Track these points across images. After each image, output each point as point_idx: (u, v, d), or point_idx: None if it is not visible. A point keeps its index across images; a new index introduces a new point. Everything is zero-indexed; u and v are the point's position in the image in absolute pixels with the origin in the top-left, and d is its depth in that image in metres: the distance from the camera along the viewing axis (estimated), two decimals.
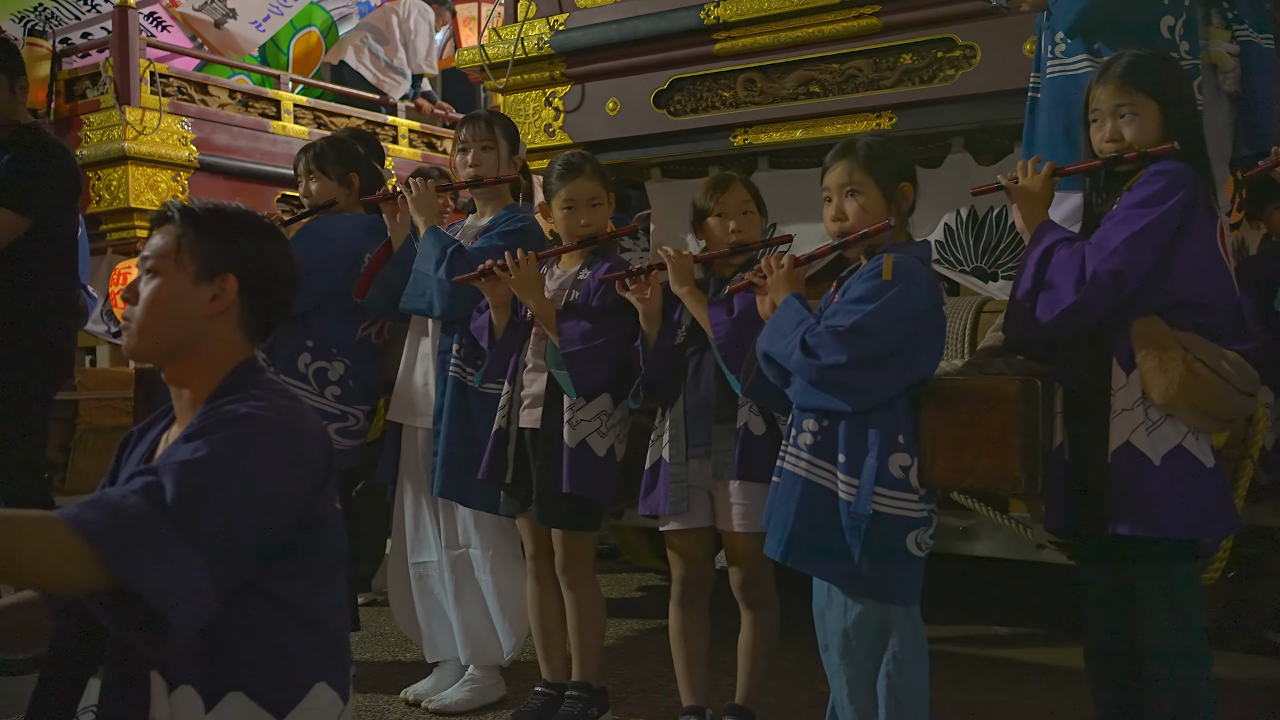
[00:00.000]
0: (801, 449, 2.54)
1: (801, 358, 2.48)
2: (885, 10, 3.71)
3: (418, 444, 3.65)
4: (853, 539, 2.46)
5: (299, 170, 3.97)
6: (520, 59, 4.41)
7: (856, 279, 2.58)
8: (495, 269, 3.20)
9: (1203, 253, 2.43)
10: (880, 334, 2.45)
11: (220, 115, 6.36)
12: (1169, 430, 2.41)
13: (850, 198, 2.61)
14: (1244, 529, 2.57)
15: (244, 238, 1.89)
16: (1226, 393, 2.38)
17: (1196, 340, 2.40)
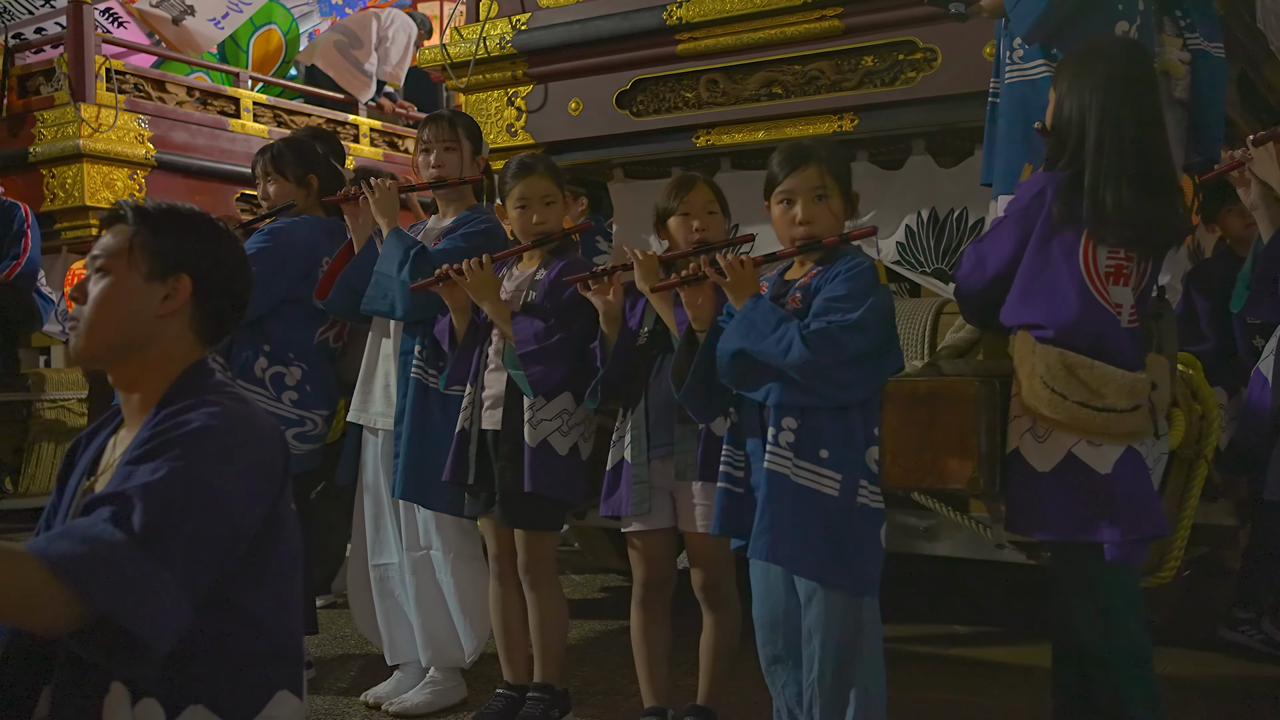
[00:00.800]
0: (784, 447, 2.54)
1: (804, 352, 2.46)
2: (847, 13, 3.73)
3: (378, 446, 3.62)
4: (835, 533, 2.49)
5: (257, 172, 3.94)
6: (482, 58, 4.39)
7: (833, 278, 2.57)
8: (451, 274, 3.19)
9: (1039, 263, 2.44)
10: (873, 330, 2.50)
11: (178, 113, 6.30)
12: (1061, 437, 2.43)
13: (819, 201, 2.63)
14: (1166, 533, 2.54)
15: (198, 239, 1.87)
16: (1067, 409, 2.38)
17: (1047, 354, 2.40)
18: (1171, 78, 3.05)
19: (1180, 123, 3.11)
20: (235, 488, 1.69)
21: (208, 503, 1.64)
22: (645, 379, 3.02)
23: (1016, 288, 2.44)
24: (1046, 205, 2.42)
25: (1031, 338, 2.43)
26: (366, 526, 3.67)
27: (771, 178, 2.70)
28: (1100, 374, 2.37)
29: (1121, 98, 2.45)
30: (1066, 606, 2.51)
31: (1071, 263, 2.41)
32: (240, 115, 6.67)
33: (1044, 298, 2.42)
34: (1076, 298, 2.40)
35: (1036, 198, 2.43)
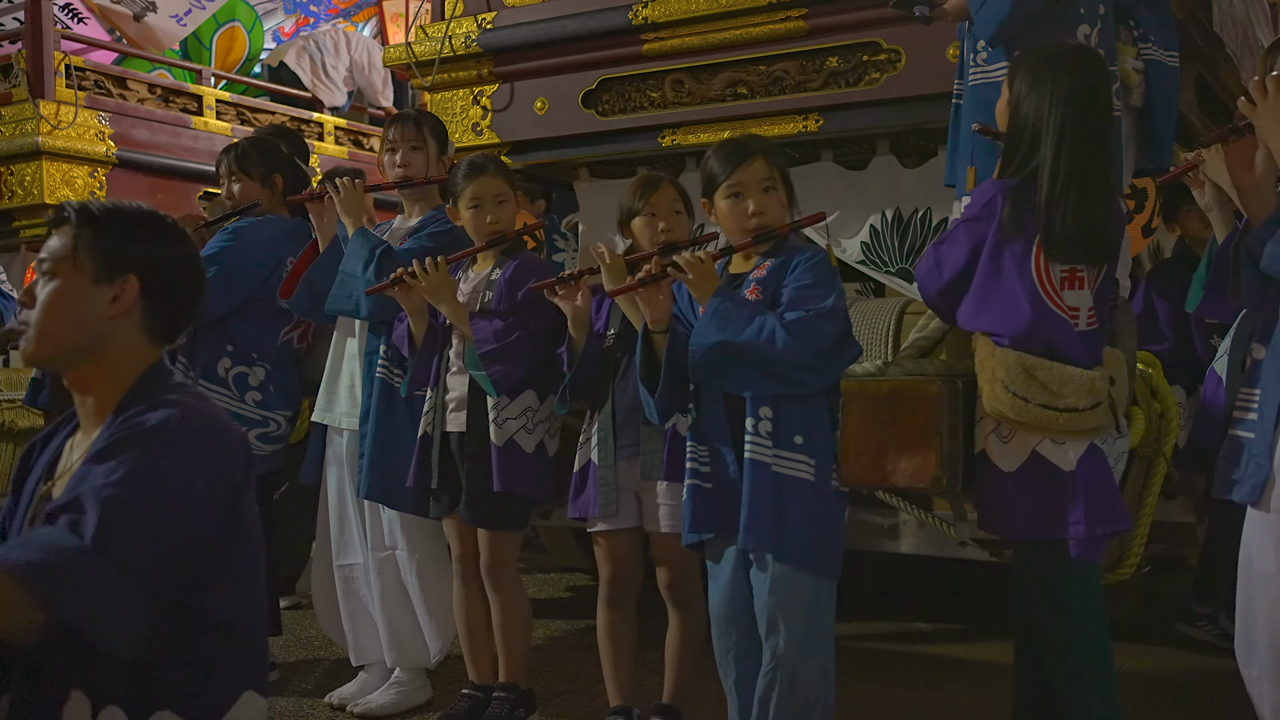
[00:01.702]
0: (763, 437, 2.55)
1: (789, 341, 2.48)
2: (812, 14, 3.75)
3: (343, 446, 3.61)
4: (811, 517, 2.53)
5: (221, 172, 3.91)
6: (448, 57, 4.38)
7: (793, 269, 2.60)
8: (405, 277, 3.17)
9: (995, 276, 2.46)
10: (843, 316, 2.57)
11: (140, 110, 6.24)
12: (1024, 437, 2.45)
13: (768, 193, 2.67)
14: (1129, 528, 2.57)
15: (145, 238, 1.83)
16: (1032, 413, 2.40)
17: (1005, 357, 2.42)
18: (1126, 85, 3.09)
19: (1133, 129, 3.16)
20: (193, 489, 1.68)
21: (165, 505, 1.63)
22: (611, 380, 3.03)
23: (972, 295, 2.47)
24: (997, 214, 2.44)
25: (990, 342, 2.45)
26: (331, 527, 3.65)
27: (713, 175, 2.71)
28: (1059, 374, 2.39)
29: (1081, 113, 2.45)
30: (1028, 602, 2.54)
31: (1024, 271, 2.42)
32: (203, 113, 6.62)
33: (997, 306, 2.45)
34: (1029, 306, 2.41)
35: (987, 206, 2.45)
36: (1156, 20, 3.17)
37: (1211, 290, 2.64)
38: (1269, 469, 2.22)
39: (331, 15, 9.72)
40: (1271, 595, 2.23)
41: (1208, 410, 2.91)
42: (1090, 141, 2.44)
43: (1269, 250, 2.08)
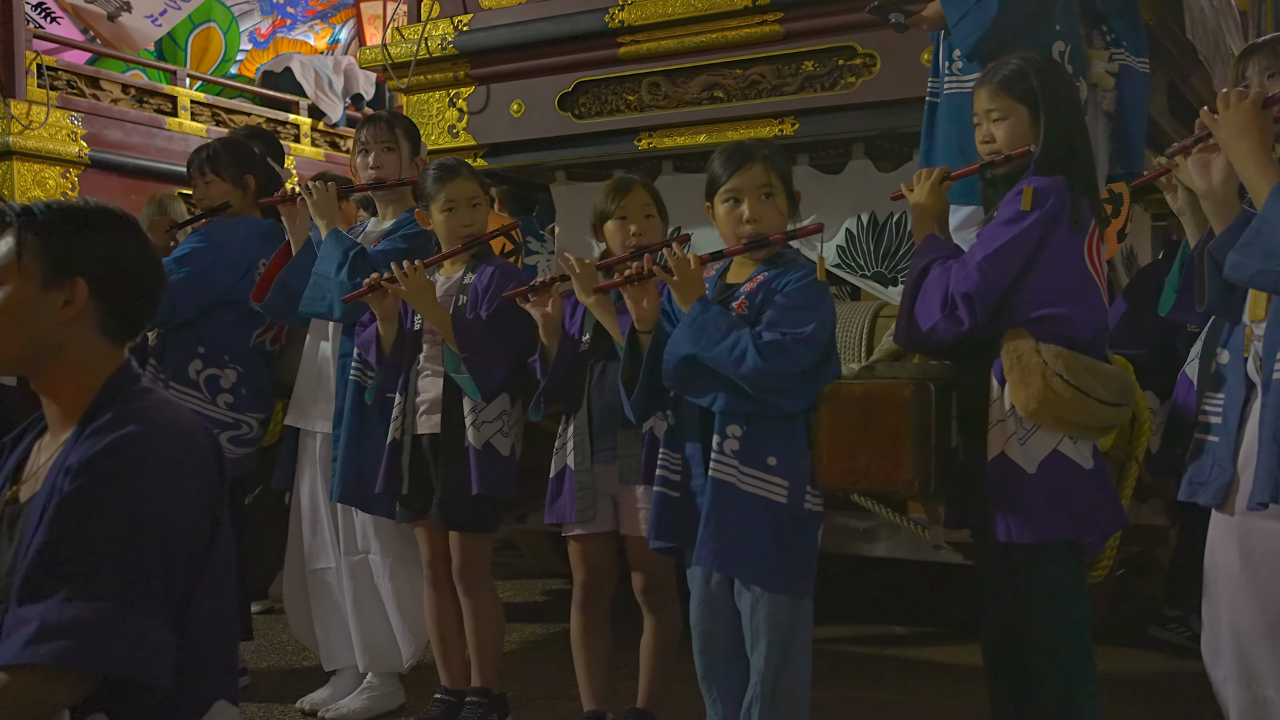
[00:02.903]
0: (729, 455, 2.55)
1: (758, 362, 2.46)
2: (788, 18, 3.75)
3: (316, 449, 3.59)
4: (783, 539, 2.52)
5: (192, 172, 3.89)
6: (424, 59, 4.36)
7: (783, 286, 2.58)
8: (384, 283, 3.15)
9: (1063, 266, 2.48)
10: (822, 343, 2.54)
11: (113, 111, 6.19)
12: (1043, 437, 2.46)
13: (766, 200, 2.64)
14: (1129, 526, 2.64)
15: (92, 237, 1.77)
16: (1088, 406, 2.43)
17: (1059, 353, 2.44)
18: (1100, 90, 3.12)
19: (1106, 134, 3.18)
20: (179, 509, 1.68)
21: (161, 536, 1.63)
22: (587, 385, 3.02)
23: (1039, 288, 2.47)
24: (1066, 208, 2.47)
25: (1032, 339, 2.45)
26: (304, 531, 3.63)
27: (714, 178, 2.70)
28: (1103, 370, 2.47)
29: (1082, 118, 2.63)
30: (1028, 604, 2.54)
31: (1088, 266, 2.51)
32: (177, 114, 6.57)
33: (1077, 301, 2.49)
34: (1103, 297, 2.53)
35: (1054, 204, 2.47)
36: (1128, 27, 3.21)
37: (1184, 294, 2.66)
38: (1232, 472, 2.24)
39: (309, 17, 9.69)
40: (1235, 597, 2.24)
41: (1179, 415, 2.93)
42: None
43: (1231, 258, 2.10)
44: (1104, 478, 2.54)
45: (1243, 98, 2.16)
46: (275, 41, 9.53)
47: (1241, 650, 2.24)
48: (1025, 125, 2.55)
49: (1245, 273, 2.07)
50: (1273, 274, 2.01)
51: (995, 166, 2.58)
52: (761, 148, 2.70)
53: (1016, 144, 2.55)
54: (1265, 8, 10.15)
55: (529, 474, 3.24)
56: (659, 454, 2.70)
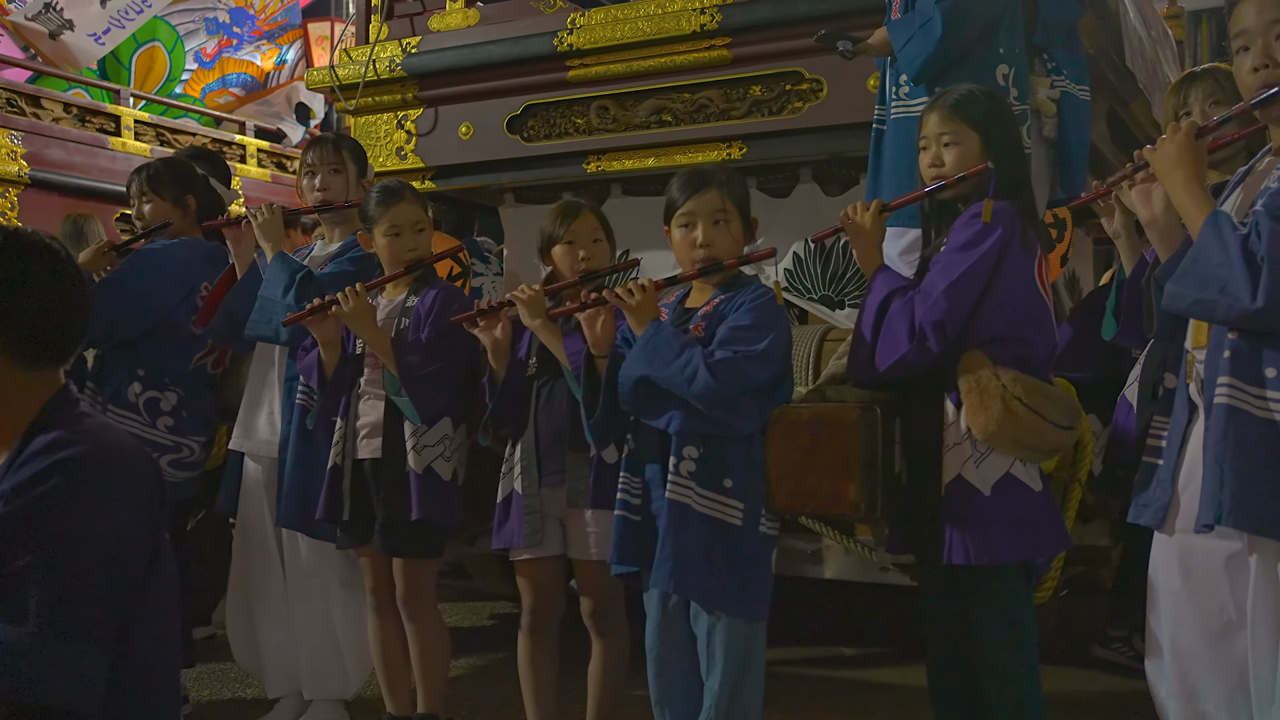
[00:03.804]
0: (686, 477, 2.56)
1: (709, 382, 2.47)
2: (735, 43, 3.78)
3: (261, 473, 3.54)
4: (738, 562, 2.52)
5: (132, 192, 3.84)
6: (371, 81, 4.35)
7: (738, 307, 2.60)
8: (323, 306, 3.12)
9: (1018, 289, 2.52)
10: (778, 360, 2.56)
11: (54, 130, 6.10)
12: (996, 460, 2.49)
13: (719, 225, 2.67)
14: (1074, 547, 2.68)
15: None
16: (1043, 429, 2.47)
17: (1016, 377, 2.47)
18: (1042, 115, 3.17)
19: (1047, 160, 3.24)
20: (116, 536, 1.65)
21: (95, 562, 1.60)
22: (534, 408, 3.01)
23: (996, 310, 2.49)
24: (1017, 232, 2.50)
25: (989, 362, 2.48)
26: (248, 555, 3.58)
27: (671, 202, 2.72)
28: (1055, 394, 2.51)
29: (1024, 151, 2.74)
30: (979, 626, 2.56)
31: (1037, 287, 2.54)
32: (121, 133, 6.49)
33: (1032, 323, 2.53)
34: (1053, 319, 2.56)
35: (1008, 227, 2.50)
36: (1069, 55, 3.27)
37: (1125, 318, 2.71)
38: (1172, 492, 2.28)
39: (255, 37, 9.62)
40: (1176, 616, 2.28)
41: (1120, 437, 2.97)
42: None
43: (1168, 288, 2.14)
44: (1050, 499, 2.58)
45: (1177, 130, 2.20)
46: (221, 61, 9.45)
47: (1182, 667, 2.27)
48: (975, 151, 2.59)
49: (1182, 302, 2.11)
50: (1208, 303, 2.05)
51: (946, 188, 2.61)
52: (719, 173, 2.72)
53: (966, 168, 2.59)
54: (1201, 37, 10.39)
55: (477, 497, 3.22)
56: (620, 478, 2.70)
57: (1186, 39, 8.43)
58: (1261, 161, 2.24)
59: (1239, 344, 2.07)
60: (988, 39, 3.02)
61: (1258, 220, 2.00)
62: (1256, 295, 1.95)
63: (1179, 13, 7.60)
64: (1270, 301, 1.95)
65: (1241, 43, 2.19)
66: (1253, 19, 2.16)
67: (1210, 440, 2.11)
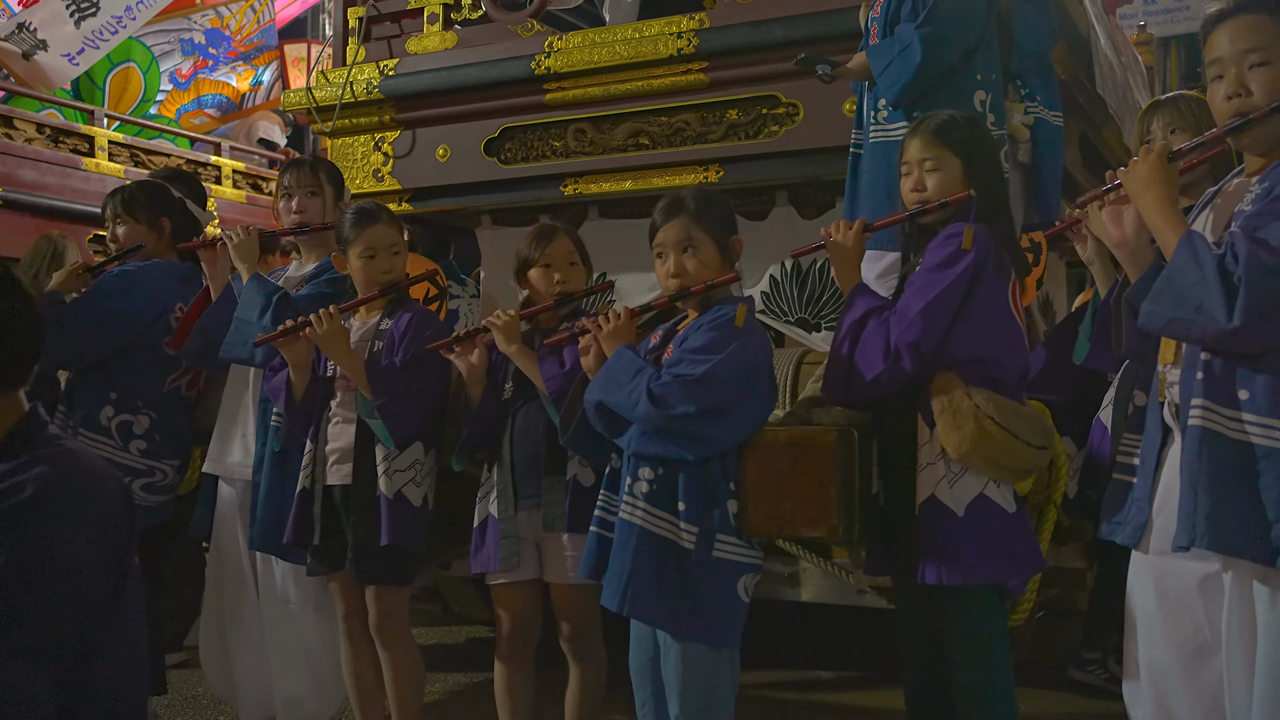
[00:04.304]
0: (638, 498, 2.56)
1: (649, 407, 2.49)
2: (712, 67, 3.81)
3: (235, 496, 3.52)
4: (692, 586, 2.51)
5: (106, 214, 3.82)
6: (349, 103, 4.35)
7: (696, 329, 2.61)
8: (296, 327, 3.11)
9: (991, 312, 2.54)
10: (727, 383, 2.52)
11: (27, 150, 6.07)
12: (970, 481, 2.50)
13: (688, 254, 2.67)
14: (1049, 569, 2.69)
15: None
16: (1016, 448, 2.48)
17: (989, 397, 2.49)
18: (1016, 141, 3.20)
19: (1021, 185, 3.27)
20: (77, 561, 1.62)
21: (52, 586, 1.58)
22: (510, 432, 3.00)
23: (974, 333, 2.51)
24: (991, 255, 2.53)
25: (961, 382, 2.49)
26: (222, 580, 3.55)
27: (651, 230, 2.75)
28: (1028, 414, 2.52)
29: (1003, 175, 2.76)
30: (953, 647, 2.56)
31: (1011, 309, 2.56)
32: (94, 154, 6.46)
33: (1008, 343, 2.55)
34: (1025, 343, 2.58)
35: (984, 249, 2.52)
36: (1042, 82, 3.31)
37: (1097, 342, 2.72)
38: (1149, 512, 2.29)
39: (231, 58, 9.60)
40: (1152, 636, 2.28)
41: (1094, 460, 2.98)
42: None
43: (1144, 308, 2.16)
44: (1024, 521, 2.59)
45: (1149, 152, 2.23)
46: (196, 82, 9.42)
47: (1158, 689, 2.28)
48: (957, 176, 2.61)
49: (1159, 321, 2.13)
50: (1184, 321, 2.07)
51: (928, 213, 2.63)
52: (689, 201, 2.71)
53: (948, 193, 2.61)
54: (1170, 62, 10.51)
55: (452, 520, 3.21)
56: (600, 495, 2.70)
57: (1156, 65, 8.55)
58: (1231, 183, 2.27)
59: (1212, 365, 2.08)
60: (965, 65, 3.05)
61: (1234, 240, 2.02)
62: (1233, 315, 1.97)
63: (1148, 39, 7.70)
64: (1246, 321, 1.96)
65: (1215, 71, 2.22)
66: (1226, 48, 2.19)
67: (1184, 462, 2.12)
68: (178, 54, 8.73)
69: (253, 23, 9.58)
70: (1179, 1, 11.55)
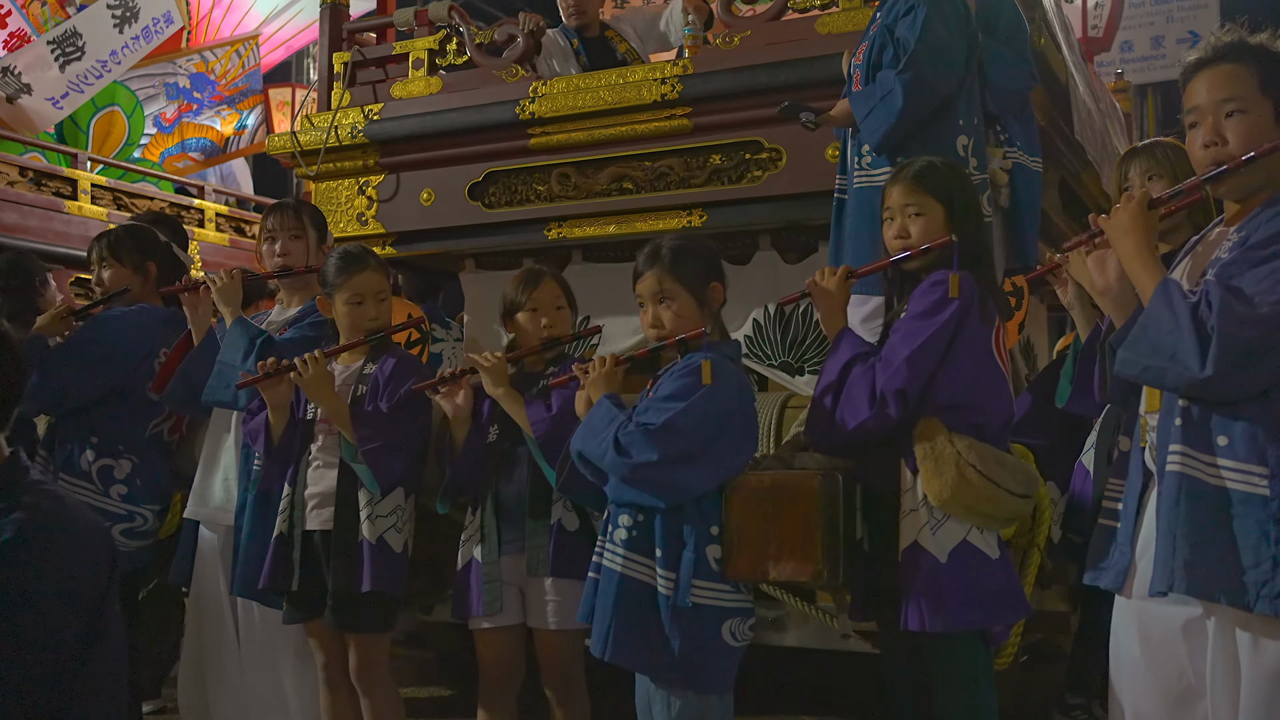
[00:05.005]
0: (618, 544, 2.57)
1: (614, 456, 2.52)
2: (696, 112, 3.83)
3: (217, 541, 3.49)
4: (672, 632, 2.50)
5: (92, 258, 3.81)
6: (333, 147, 4.36)
7: (668, 377, 2.65)
8: (279, 369, 3.09)
9: (975, 357, 2.55)
10: (690, 431, 2.52)
11: (9, 193, 6.06)
12: (953, 527, 2.51)
13: (664, 305, 2.69)
14: (1032, 614, 2.68)
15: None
16: (998, 496, 2.49)
17: (971, 444, 2.50)
18: (996, 185, 3.23)
19: (1002, 229, 3.30)
20: (50, 608, 1.61)
21: (22, 631, 1.57)
22: (494, 476, 2.99)
23: (958, 380, 2.52)
24: (976, 302, 2.55)
25: (944, 429, 2.50)
26: (202, 626, 3.51)
27: (634, 277, 2.78)
28: (1011, 462, 2.53)
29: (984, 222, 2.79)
30: (939, 693, 2.55)
31: (994, 356, 2.57)
32: (77, 197, 6.45)
33: (992, 389, 2.57)
34: (1010, 389, 2.59)
35: (969, 295, 2.54)
36: (1022, 127, 3.35)
37: (1078, 386, 2.74)
38: (1131, 556, 2.29)
39: (215, 102, 9.63)
40: (1136, 681, 2.28)
41: (1077, 503, 2.99)
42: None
43: (1120, 355, 2.17)
44: (1009, 566, 2.59)
45: (1130, 199, 2.25)
46: (180, 126, 9.45)
47: None
48: (940, 222, 2.64)
49: (1134, 369, 2.14)
50: (1158, 370, 2.08)
51: (911, 259, 2.65)
52: (665, 251, 2.73)
53: (932, 239, 2.63)
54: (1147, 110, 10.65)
55: (433, 564, 3.19)
56: (595, 540, 2.70)
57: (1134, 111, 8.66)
58: (1212, 232, 2.29)
59: (1190, 411, 2.09)
60: (947, 110, 3.08)
61: (1208, 289, 2.04)
62: (1206, 364, 1.99)
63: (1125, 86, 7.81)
64: (1219, 370, 1.98)
65: (1193, 119, 2.25)
66: (1204, 96, 2.22)
67: (1162, 507, 2.13)
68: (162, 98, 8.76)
69: (238, 67, 9.63)
70: (1155, 50, 11.75)
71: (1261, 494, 2.00)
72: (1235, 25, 2.26)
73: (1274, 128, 2.16)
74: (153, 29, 8.09)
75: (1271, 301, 1.99)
